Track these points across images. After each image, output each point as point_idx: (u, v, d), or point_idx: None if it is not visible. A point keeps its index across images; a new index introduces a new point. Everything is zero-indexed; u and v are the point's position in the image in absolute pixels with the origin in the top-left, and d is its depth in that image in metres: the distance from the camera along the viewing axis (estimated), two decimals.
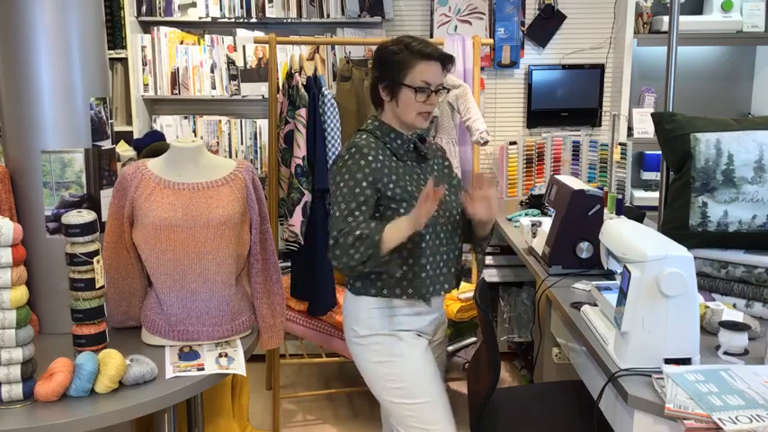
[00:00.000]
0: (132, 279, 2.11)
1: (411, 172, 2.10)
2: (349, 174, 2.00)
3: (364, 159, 2.01)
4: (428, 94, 2.04)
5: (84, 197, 2.13)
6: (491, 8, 4.07)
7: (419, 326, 2.13)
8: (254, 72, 3.94)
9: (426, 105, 2.06)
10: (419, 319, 2.12)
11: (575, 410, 2.20)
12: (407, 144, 2.12)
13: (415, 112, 2.06)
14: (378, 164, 2.02)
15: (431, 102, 2.06)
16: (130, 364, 1.80)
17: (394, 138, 2.10)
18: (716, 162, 2.24)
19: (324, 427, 3.40)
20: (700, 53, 4.21)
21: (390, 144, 2.09)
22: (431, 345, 2.21)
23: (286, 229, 3.18)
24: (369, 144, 2.05)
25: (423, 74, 2.03)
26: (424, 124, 2.10)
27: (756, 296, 2.17)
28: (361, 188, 1.99)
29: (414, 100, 2.04)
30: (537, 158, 4.17)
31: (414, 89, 2.03)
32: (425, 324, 2.15)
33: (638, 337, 1.76)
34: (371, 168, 2.00)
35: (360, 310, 2.10)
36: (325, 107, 3.10)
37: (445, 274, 2.13)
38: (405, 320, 2.10)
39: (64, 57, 2.06)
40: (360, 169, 2.00)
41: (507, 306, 3.99)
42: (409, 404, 2.07)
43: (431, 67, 2.04)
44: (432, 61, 2.04)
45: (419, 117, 2.07)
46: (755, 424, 1.51)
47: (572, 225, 2.52)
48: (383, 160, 2.05)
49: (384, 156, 2.06)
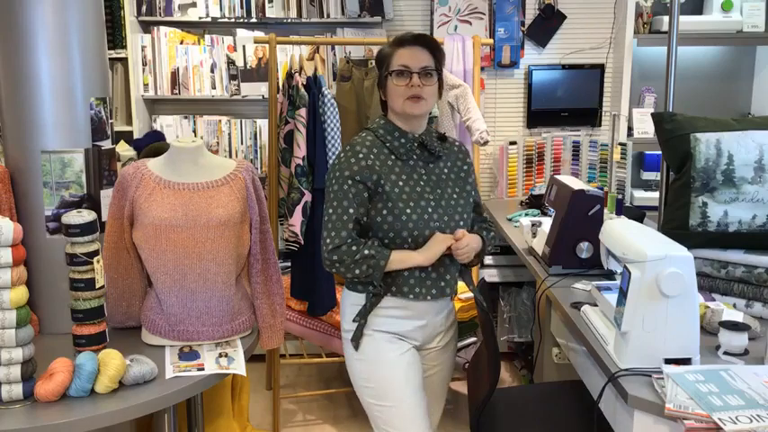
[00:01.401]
0: (132, 279, 2.11)
1: (412, 172, 2.07)
2: (339, 172, 2.02)
3: (354, 157, 2.02)
4: (409, 76, 2.02)
5: (84, 197, 2.13)
6: (491, 8, 4.07)
7: (401, 329, 2.09)
8: (254, 72, 3.94)
9: (410, 89, 2.02)
10: (401, 322, 2.08)
11: (575, 410, 2.20)
12: (411, 143, 2.08)
13: (401, 98, 2.03)
14: (368, 161, 2.02)
15: (413, 84, 2.01)
16: (130, 364, 1.80)
17: (398, 136, 2.07)
18: (716, 162, 2.24)
19: (324, 427, 3.40)
20: (700, 53, 4.21)
21: (391, 143, 2.06)
22: (426, 351, 2.18)
23: (286, 229, 3.18)
24: (363, 142, 2.06)
25: (400, 58, 2.03)
26: (415, 109, 2.03)
27: (756, 296, 2.17)
28: (348, 185, 2.00)
29: (395, 85, 2.03)
30: (537, 158, 4.17)
31: (394, 74, 2.03)
32: (409, 329, 2.10)
33: (638, 337, 1.76)
34: (360, 166, 2.00)
35: (346, 304, 2.13)
36: (325, 107, 3.10)
37: (434, 279, 2.08)
38: (385, 321, 2.07)
39: (64, 57, 2.06)
40: (348, 167, 2.01)
41: (507, 306, 3.99)
42: (378, 405, 2.07)
43: (407, 51, 2.04)
44: (407, 46, 2.04)
45: (407, 103, 2.02)
46: (755, 424, 1.51)
47: (572, 225, 2.52)
48: (376, 159, 2.03)
49: (381, 154, 2.05)
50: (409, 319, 2.09)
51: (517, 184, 4.16)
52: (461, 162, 2.19)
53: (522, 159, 4.15)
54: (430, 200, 2.06)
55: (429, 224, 2.03)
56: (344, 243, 1.99)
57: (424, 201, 2.05)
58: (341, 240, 1.99)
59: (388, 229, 2.02)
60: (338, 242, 1.99)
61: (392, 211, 2.01)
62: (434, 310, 2.14)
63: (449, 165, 2.16)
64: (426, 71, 2.03)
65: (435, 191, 2.08)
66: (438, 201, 2.07)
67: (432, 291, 2.09)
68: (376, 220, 2.02)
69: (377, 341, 2.08)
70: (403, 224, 2.01)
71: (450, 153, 2.18)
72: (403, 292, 2.06)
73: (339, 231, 2.00)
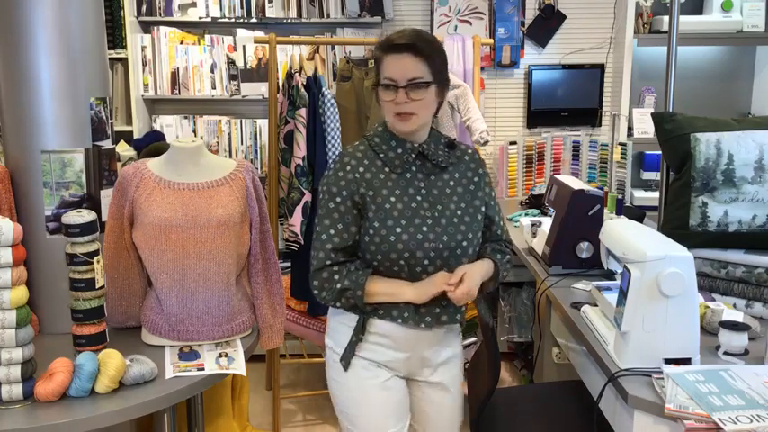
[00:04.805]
0: (132, 279, 2.11)
1: (408, 185, 1.86)
2: (327, 186, 1.87)
3: (342, 170, 1.85)
4: (395, 91, 1.78)
5: (84, 197, 2.13)
6: (491, 8, 4.07)
7: (380, 358, 1.91)
8: (254, 72, 3.94)
9: (396, 105, 1.79)
10: (379, 350, 1.90)
11: (575, 410, 2.20)
12: (408, 154, 1.86)
13: (391, 113, 1.82)
14: (356, 174, 1.84)
15: (398, 101, 1.79)
16: (130, 364, 1.80)
17: (394, 146, 1.87)
18: (716, 162, 2.24)
19: (324, 427, 3.40)
20: (700, 53, 4.21)
21: (385, 153, 1.86)
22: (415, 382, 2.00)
23: (286, 229, 3.18)
24: (354, 153, 1.88)
25: (388, 69, 1.79)
26: (404, 127, 1.82)
27: (756, 296, 2.17)
28: (334, 204, 1.84)
29: (383, 100, 1.82)
30: (537, 158, 4.17)
31: (381, 88, 1.82)
32: (388, 359, 1.91)
33: (638, 337, 1.76)
34: (347, 180, 1.84)
35: (334, 320, 1.99)
36: (325, 107, 3.10)
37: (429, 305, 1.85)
38: (367, 347, 1.91)
39: (64, 57, 2.06)
40: (336, 182, 1.85)
41: (507, 306, 3.99)
42: (347, 428, 1.97)
43: (394, 60, 1.78)
44: (396, 53, 1.78)
45: (396, 119, 1.82)
46: (755, 424, 1.51)
47: (572, 225, 2.52)
48: (366, 171, 1.85)
49: (373, 166, 1.86)
50: (390, 349, 1.90)
51: (517, 184, 4.16)
52: (472, 173, 1.94)
53: (522, 159, 4.15)
54: (426, 217, 1.84)
55: (423, 245, 1.82)
56: (324, 266, 1.85)
57: (419, 218, 1.83)
58: (319, 262, 1.86)
59: (375, 251, 1.83)
60: (316, 264, 1.86)
61: (379, 231, 1.82)
62: (426, 341, 1.92)
63: (455, 176, 1.92)
64: (415, 84, 1.78)
65: (435, 207, 1.86)
66: (437, 218, 1.85)
67: (426, 318, 1.87)
68: (364, 240, 1.84)
69: (354, 368, 1.92)
70: (391, 245, 1.81)
71: (460, 162, 1.94)
72: (392, 315, 1.86)
73: (318, 252, 1.86)
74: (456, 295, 1.79)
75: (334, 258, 1.85)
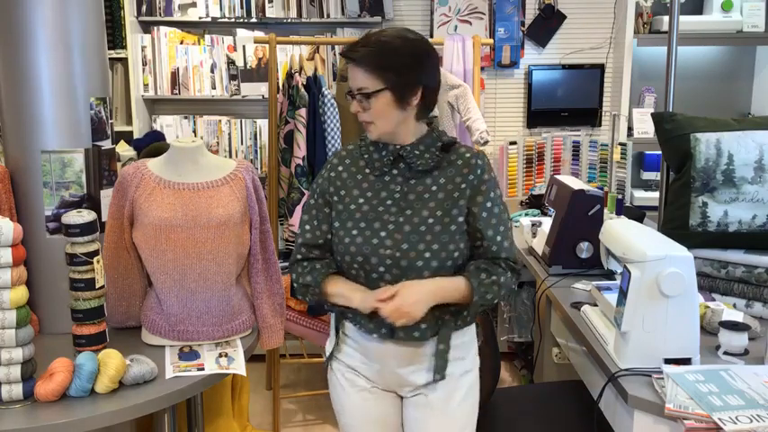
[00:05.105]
0: (132, 279, 2.11)
1: (383, 188, 1.77)
2: (315, 183, 1.88)
3: (325, 169, 1.86)
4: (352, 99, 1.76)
5: (84, 197, 2.13)
6: (491, 8, 4.07)
7: (353, 363, 1.87)
8: (254, 72, 3.94)
9: (359, 114, 1.76)
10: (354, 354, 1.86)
11: (575, 410, 2.20)
12: (389, 156, 1.78)
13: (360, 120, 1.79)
14: (333, 174, 1.83)
15: (353, 110, 1.76)
16: (130, 364, 1.80)
17: (379, 148, 1.80)
18: (716, 162, 2.24)
19: (324, 427, 3.40)
20: (700, 53, 4.21)
21: (370, 155, 1.81)
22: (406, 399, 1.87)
23: (286, 229, 3.18)
24: (341, 154, 1.87)
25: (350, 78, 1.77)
26: (369, 135, 1.78)
27: (756, 296, 2.17)
28: (313, 200, 1.86)
29: None
30: (537, 158, 4.17)
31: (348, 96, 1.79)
32: (360, 365, 1.85)
33: (638, 337, 1.76)
34: (323, 179, 1.84)
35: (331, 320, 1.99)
36: (325, 107, 3.10)
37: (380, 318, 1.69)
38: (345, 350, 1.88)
39: (64, 57, 2.06)
40: (320, 179, 1.86)
41: (507, 306, 3.98)
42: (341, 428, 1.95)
43: (350, 69, 1.74)
44: (349, 62, 1.74)
45: (365, 126, 1.78)
46: (755, 424, 1.51)
47: (572, 225, 2.52)
48: (345, 171, 1.82)
49: (353, 166, 1.83)
50: (363, 356, 1.84)
51: (517, 184, 4.16)
52: (461, 178, 1.75)
53: (522, 159, 4.15)
54: (388, 222, 1.73)
55: (378, 251, 1.71)
56: (295, 260, 1.86)
57: (380, 222, 1.73)
58: (293, 257, 1.88)
59: (335, 252, 1.81)
60: (291, 258, 1.88)
61: (338, 231, 1.78)
62: (392, 355, 1.79)
63: (440, 181, 1.76)
64: (363, 94, 1.72)
65: (403, 212, 1.73)
66: (400, 224, 1.72)
67: (381, 329, 1.75)
68: (332, 240, 1.82)
69: (336, 370, 1.91)
70: (345, 247, 1.75)
71: (450, 167, 1.77)
72: (356, 319, 1.81)
73: (295, 248, 1.89)
74: (384, 312, 1.64)
75: (305, 254, 1.85)
